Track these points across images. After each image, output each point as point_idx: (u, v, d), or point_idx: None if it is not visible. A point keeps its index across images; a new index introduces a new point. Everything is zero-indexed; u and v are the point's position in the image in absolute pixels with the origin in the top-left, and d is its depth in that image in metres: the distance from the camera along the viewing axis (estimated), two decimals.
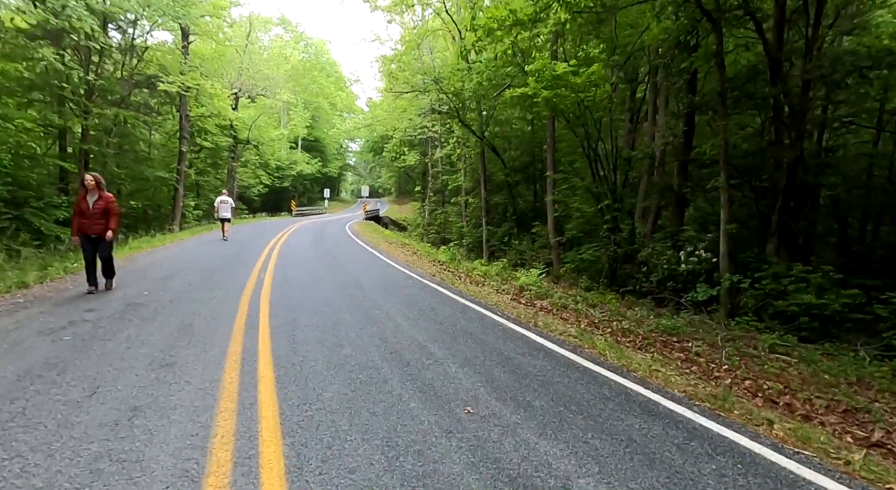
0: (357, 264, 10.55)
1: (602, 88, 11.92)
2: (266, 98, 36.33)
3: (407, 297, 6.89)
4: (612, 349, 4.91)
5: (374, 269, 9.97)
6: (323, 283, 7.60)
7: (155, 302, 5.86)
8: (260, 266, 9.18)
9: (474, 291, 8.18)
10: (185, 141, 23.80)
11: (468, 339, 4.87)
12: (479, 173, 20.52)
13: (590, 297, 10.82)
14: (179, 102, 23.81)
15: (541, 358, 4.36)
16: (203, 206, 29.28)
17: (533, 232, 16.62)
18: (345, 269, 9.49)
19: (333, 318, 5.38)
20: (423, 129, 27.79)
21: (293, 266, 9.43)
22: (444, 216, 26.84)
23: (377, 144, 47.63)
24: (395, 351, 4.28)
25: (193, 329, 4.69)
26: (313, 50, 58.23)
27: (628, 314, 9.08)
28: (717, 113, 9.25)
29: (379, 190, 71.45)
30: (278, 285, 7.24)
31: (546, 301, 9.46)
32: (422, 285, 8.17)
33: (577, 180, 14.04)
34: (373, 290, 7.24)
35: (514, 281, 11.92)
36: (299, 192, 50.81)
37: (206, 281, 7.42)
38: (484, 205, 20.13)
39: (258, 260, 10.10)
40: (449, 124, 25.22)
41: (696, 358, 6.15)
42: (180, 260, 9.97)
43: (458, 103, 17.07)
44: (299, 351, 4.15)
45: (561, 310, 8.46)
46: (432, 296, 7.25)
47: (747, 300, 8.12)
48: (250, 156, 37.81)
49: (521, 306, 7.68)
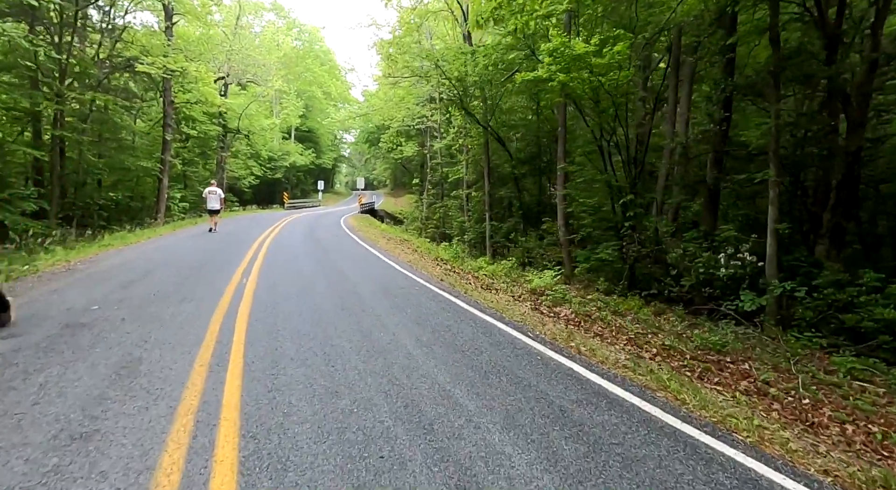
0: (354, 265, 9.40)
1: (625, 71, 10.76)
2: (257, 85, 34.82)
3: (415, 311, 5.76)
4: (688, 390, 3.81)
5: (374, 271, 8.83)
6: (315, 293, 6.44)
7: (103, 320, 4.68)
8: (243, 268, 8.00)
9: (490, 301, 7.06)
10: (170, 129, 22.39)
11: (502, 376, 3.75)
12: (483, 165, 19.33)
13: (612, 302, 9.78)
14: (163, 88, 22.37)
15: (604, 409, 3.25)
16: (190, 198, 27.89)
17: (542, 228, 15.48)
18: (340, 272, 8.33)
19: (327, 346, 4.23)
20: (422, 118, 26.49)
21: (281, 269, 8.26)
22: (443, 210, 25.64)
23: (373, 135, 46.22)
24: (410, 402, 3.15)
25: (140, 367, 3.53)
26: (306, 37, 56.39)
27: (664, 325, 8.02)
28: (766, 96, 8.15)
29: (374, 182, 70.01)
30: (262, 295, 6.08)
31: (567, 309, 8.42)
32: (430, 293, 7.04)
33: (596, 173, 12.90)
34: (374, 302, 6.10)
35: (526, 283, 10.85)
36: (292, 184, 49.35)
37: (178, 288, 6.25)
38: (487, 199, 18.97)
39: (242, 260, 8.91)
40: (449, 113, 23.96)
41: (765, 387, 5.10)
42: (154, 260, 8.77)
43: (461, 89, 15.83)
44: (279, 406, 3.01)
45: (588, 320, 7.39)
46: (444, 308, 6.12)
47: (804, 312, 7.07)
48: (241, 146, 36.32)
49: (545, 317, 6.58)
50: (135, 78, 22.13)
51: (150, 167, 21.52)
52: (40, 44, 13.67)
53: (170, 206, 23.71)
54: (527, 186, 18.51)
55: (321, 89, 54.23)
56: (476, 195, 19.74)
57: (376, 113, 31.40)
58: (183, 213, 25.18)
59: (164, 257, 9.16)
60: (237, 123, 32.98)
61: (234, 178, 35.99)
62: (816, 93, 8.39)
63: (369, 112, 33.67)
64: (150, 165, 21.65)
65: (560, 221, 15.22)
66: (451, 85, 16.15)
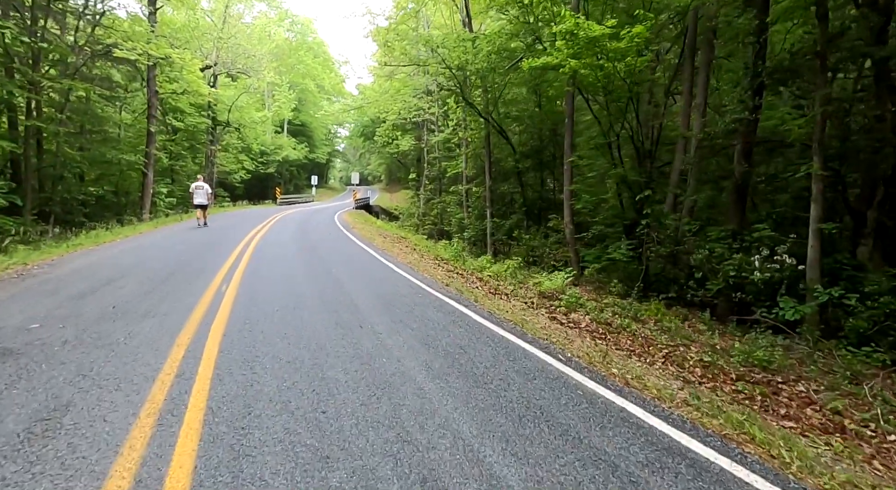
0: (349, 269, 8.52)
1: (644, 57, 9.93)
2: (247, 77, 33.65)
3: (423, 327, 4.90)
4: (779, 440, 2.99)
5: (371, 275, 7.95)
6: (304, 305, 5.57)
7: (39, 345, 3.79)
8: (223, 274, 7.10)
9: (504, 311, 6.22)
10: (154, 120, 21.30)
11: (541, 424, 2.90)
12: (484, 159, 18.47)
13: (630, 307, 9.01)
14: (147, 77, 21.25)
15: (688, 478, 2.42)
16: (178, 193, 26.80)
17: (548, 226, 14.64)
18: (334, 277, 7.45)
19: (317, 381, 3.37)
20: (419, 111, 25.55)
21: (267, 275, 7.36)
22: (441, 206, 24.77)
23: (368, 129, 45.16)
24: (428, 475, 2.29)
25: (65, 419, 2.65)
26: (299, 28, 55.03)
27: (693, 335, 7.23)
28: (809, 81, 7.35)
29: (368, 177, 68.87)
30: (241, 309, 5.19)
31: (583, 315, 7.65)
32: (436, 302, 6.19)
33: (607, 167, 12.06)
34: (374, 315, 5.23)
35: (535, 285, 10.05)
36: (285, 179, 48.20)
37: (142, 299, 5.36)
38: (489, 194, 18.12)
39: (223, 264, 8.00)
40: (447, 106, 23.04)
41: (838, 419, 4.32)
42: (122, 264, 7.84)
43: (462, 79, 14.91)
44: (245, 486, 2.15)
45: (610, 330, 6.62)
46: (455, 321, 5.27)
47: (856, 322, 6.30)
48: (232, 139, 35.18)
49: (568, 330, 5.77)
50: (117, 67, 21.02)
51: (134, 161, 20.45)
52: (7, 26, 12.60)
53: (156, 201, 22.65)
54: (529, 181, 17.68)
55: (314, 82, 52.98)
56: (476, 190, 18.89)
57: (371, 106, 30.39)
58: (170, 209, 24.12)
59: (135, 260, 8.22)
60: (227, 116, 31.85)
61: (225, 172, 34.86)
62: (862, 77, 7.59)
63: (364, 105, 32.65)
64: (135, 159, 20.58)
65: (567, 218, 14.42)
66: (452, 74, 15.24)
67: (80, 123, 20.52)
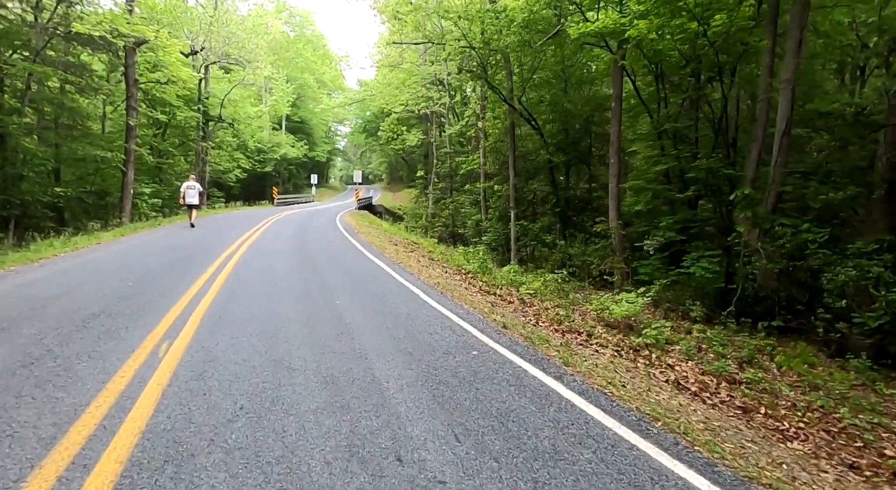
0: (357, 292, 6.23)
1: (745, 5, 7.60)
2: (242, 69, 31.24)
3: (480, 410, 2.61)
4: None
5: (391, 307, 5.64)
6: (291, 376, 3.28)
7: None
8: (174, 317, 4.79)
9: (604, 377, 3.92)
10: (134, 112, 18.92)
11: None
12: (507, 153, 16.14)
13: (723, 339, 6.82)
14: (125, 63, 18.91)
15: None
16: (164, 194, 24.48)
17: (596, 231, 12.25)
18: (338, 316, 5.13)
19: None
20: (429, 101, 23.16)
21: (239, 316, 5.04)
22: (454, 206, 22.40)
23: (371, 124, 42.81)
24: None
25: None
26: (297, 20, 52.67)
27: (863, 400, 4.90)
28: None
29: (369, 176, 66.52)
30: (173, 415, 2.90)
31: (683, 360, 5.51)
32: (506, 369, 3.86)
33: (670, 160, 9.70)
34: (411, 406, 2.94)
35: (598, 311, 7.79)
36: (284, 178, 45.86)
37: (65, 342, 3.09)
38: (513, 193, 15.80)
39: (184, 294, 5.69)
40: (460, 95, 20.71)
41: None
42: (65, 283, 5.58)
43: (487, 54, 12.55)
44: None
45: (748, 394, 4.35)
46: (521, 391, 2.99)
47: None
48: (226, 136, 32.79)
49: (706, 408, 3.48)
50: (92, 53, 18.68)
51: (109, 158, 18.12)
52: None
53: (137, 203, 20.32)
54: (562, 178, 15.32)
55: (313, 76, 50.61)
56: (499, 189, 16.53)
57: (376, 98, 28.04)
58: (155, 211, 21.79)
59: (82, 277, 5.93)
60: (219, 110, 29.45)
61: (220, 171, 32.48)
62: None
63: (368, 97, 30.29)
64: (110, 156, 18.25)
65: (613, 222, 12.11)
66: (474, 52, 12.89)
67: (53, 117, 18.28)
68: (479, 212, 19.09)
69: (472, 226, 19.70)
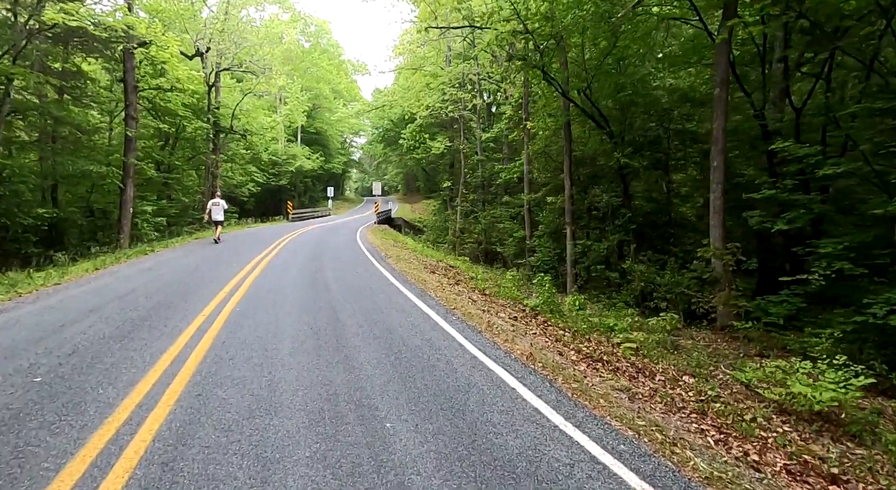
0: (410, 387, 3.70)
1: None
2: (254, 76, 29.37)
3: None
4: None
5: (468, 413, 3.09)
6: None
7: None
8: (163, 368, 2.34)
9: None
10: (133, 122, 16.88)
11: None
12: (562, 157, 13.59)
13: None
14: (124, 68, 16.98)
15: None
16: (171, 211, 22.47)
17: (695, 256, 9.54)
18: (386, 448, 2.61)
19: None
20: (458, 103, 20.75)
21: (235, 385, 2.54)
22: (487, 220, 19.83)
23: (389, 133, 40.68)
24: None
25: None
26: (312, 30, 51.22)
27: None
28: None
29: (385, 187, 64.48)
30: None
31: None
32: None
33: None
34: None
35: (762, 381, 5.19)
36: (299, 191, 43.95)
37: None
38: (569, 205, 13.21)
39: (173, 342, 3.25)
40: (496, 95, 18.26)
41: None
42: None
43: (550, 35, 10.07)
44: None
45: None
46: None
47: None
48: (238, 148, 30.86)
49: None
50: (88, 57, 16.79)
51: (103, 172, 16.07)
52: None
53: (137, 223, 18.24)
54: (638, 187, 12.66)
55: (329, 86, 48.94)
56: (552, 200, 13.92)
57: (396, 103, 25.78)
58: (158, 232, 19.70)
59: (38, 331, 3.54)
60: (230, 121, 27.52)
61: (233, 185, 30.50)
62: None
63: (389, 102, 28.06)
64: (105, 170, 16.20)
65: (717, 243, 9.49)
66: (529, 35, 10.42)
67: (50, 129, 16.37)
68: (522, 227, 16.51)
69: (512, 243, 17.11)
